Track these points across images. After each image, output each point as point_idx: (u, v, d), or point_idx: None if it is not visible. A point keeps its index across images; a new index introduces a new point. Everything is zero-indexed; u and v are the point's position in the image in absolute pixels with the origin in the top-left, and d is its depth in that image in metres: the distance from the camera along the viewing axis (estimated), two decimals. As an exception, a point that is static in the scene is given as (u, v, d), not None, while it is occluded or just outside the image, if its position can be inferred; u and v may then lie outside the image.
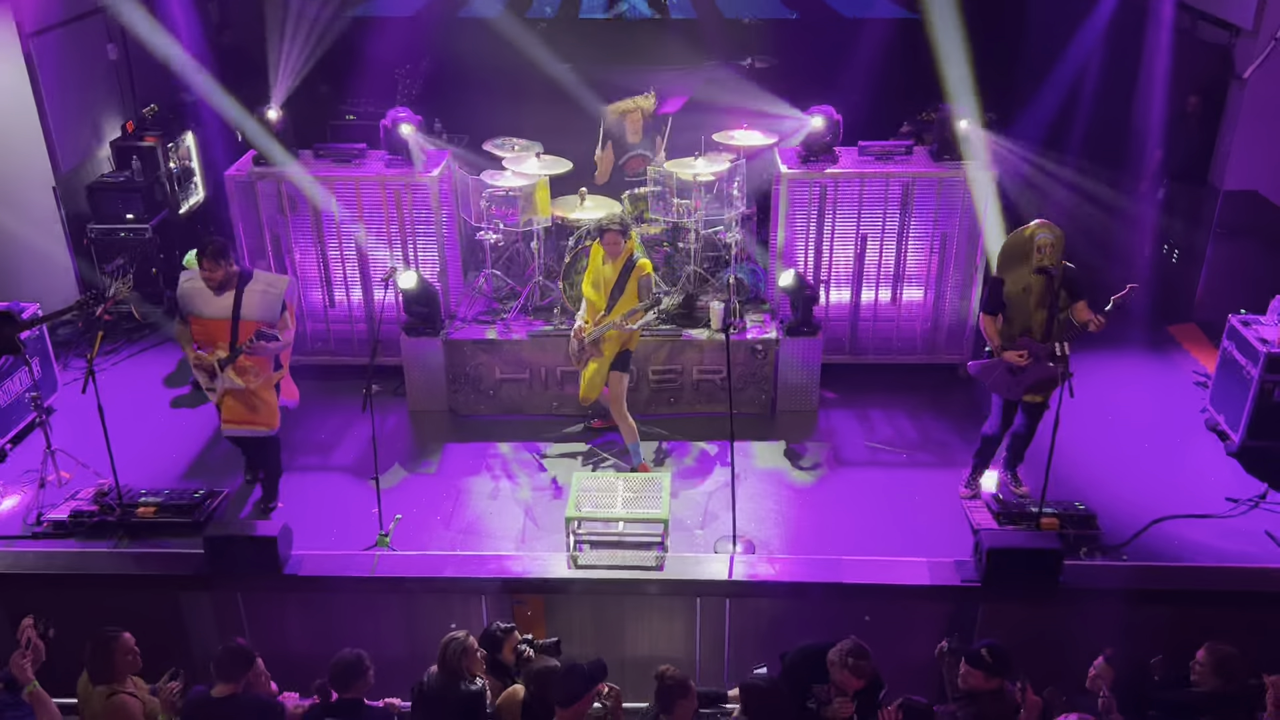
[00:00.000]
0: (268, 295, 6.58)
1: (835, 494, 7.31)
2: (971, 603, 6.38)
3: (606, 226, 7.03)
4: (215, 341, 6.57)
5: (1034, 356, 6.54)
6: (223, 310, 6.53)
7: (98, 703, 5.12)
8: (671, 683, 4.92)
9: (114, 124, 10.08)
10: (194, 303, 6.59)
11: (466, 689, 5.13)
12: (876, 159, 8.26)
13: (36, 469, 7.23)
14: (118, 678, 5.15)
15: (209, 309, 6.56)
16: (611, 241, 7.01)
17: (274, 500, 7.19)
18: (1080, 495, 7.02)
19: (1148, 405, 8.24)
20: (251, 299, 6.54)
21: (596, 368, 7.18)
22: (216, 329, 6.56)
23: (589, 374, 7.21)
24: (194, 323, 6.63)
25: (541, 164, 8.21)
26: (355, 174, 8.21)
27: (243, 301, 6.53)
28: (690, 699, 4.94)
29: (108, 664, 5.12)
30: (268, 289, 6.60)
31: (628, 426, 7.35)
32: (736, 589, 6.44)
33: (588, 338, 7.12)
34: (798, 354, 8.03)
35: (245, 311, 6.52)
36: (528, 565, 6.55)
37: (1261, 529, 6.85)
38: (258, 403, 6.72)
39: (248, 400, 6.69)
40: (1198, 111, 9.40)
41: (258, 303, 6.55)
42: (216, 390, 6.67)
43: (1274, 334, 7.26)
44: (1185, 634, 5.50)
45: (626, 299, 7.06)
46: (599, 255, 7.16)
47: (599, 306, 7.14)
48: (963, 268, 8.33)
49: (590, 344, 7.13)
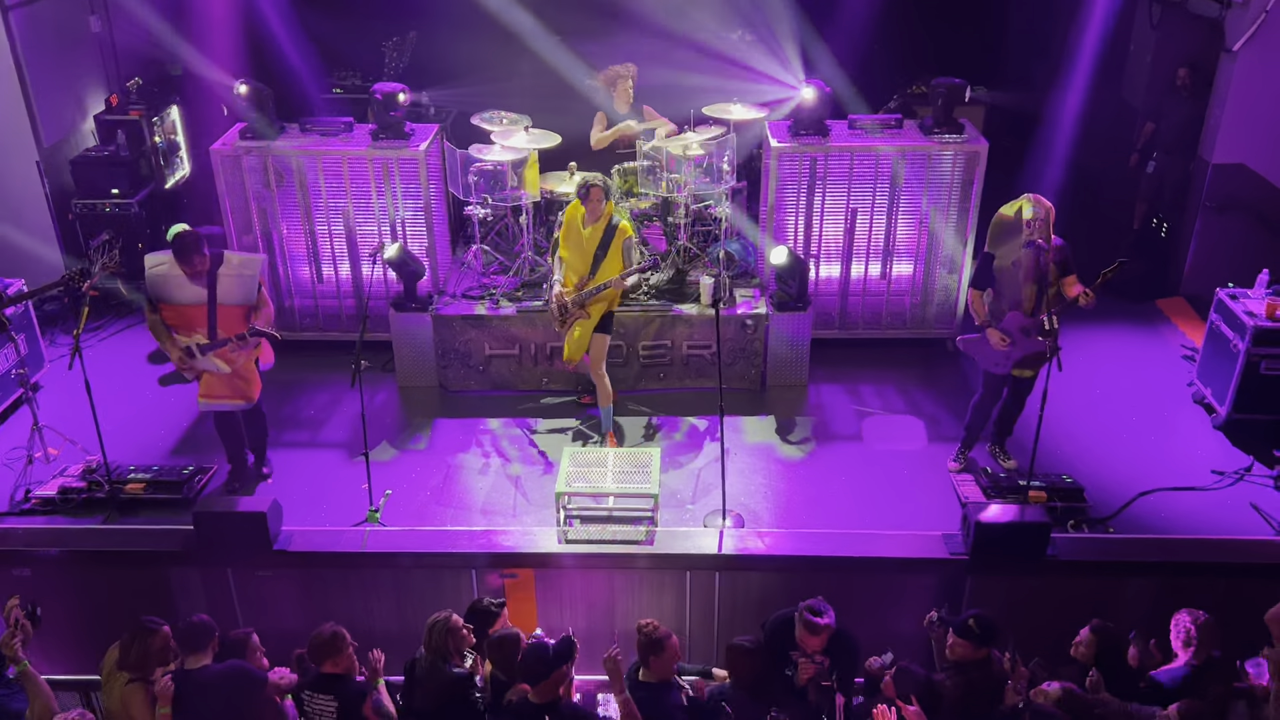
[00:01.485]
0: (243, 278, 6.53)
1: (825, 468, 7.33)
2: (959, 575, 6.42)
3: (591, 183, 6.99)
4: (192, 327, 6.49)
5: (1022, 331, 6.56)
6: (197, 296, 6.45)
7: (117, 687, 5.15)
8: (647, 638, 5.10)
9: (98, 97, 9.98)
10: (166, 289, 6.47)
11: (454, 672, 5.15)
12: (867, 133, 8.23)
13: (24, 446, 7.20)
14: (147, 668, 5.15)
15: (182, 294, 6.46)
16: (596, 199, 6.98)
17: (265, 464, 7.25)
18: (1068, 468, 7.06)
19: (1135, 379, 8.27)
20: (228, 284, 6.48)
21: (582, 330, 7.19)
22: (193, 314, 6.48)
23: (575, 336, 7.21)
24: (166, 309, 6.51)
25: (530, 137, 8.16)
26: (342, 148, 8.15)
27: (218, 286, 6.46)
28: (668, 652, 5.11)
29: (143, 654, 5.14)
30: (242, 271, 6.54)
31: (604, 389, 7.37)
32: (726, 563, 6.46)
33: (576, 299, 7.10)
34: (787, 329, 8.03)
35: (223, 297, 6.47)
36: (518, 540, 6.55)
37: (1247, 501, 6.90)
38: (236, 380, 6.70)
39: (226, 379, 6.67)
40: (1188, 84, 9.39)
41: (235, 286, 6.50)
42: (194, 370, 6.63)
43: (1261, 307, 7.29)
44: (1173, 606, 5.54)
45: (611, 262, 7.07)
46: (577, 217, 7.16)
47: (581, 270, 7.13)
48: (952, 242, 8.32)
49: (576, 306, 7.12)
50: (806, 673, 5.13)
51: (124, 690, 5.12)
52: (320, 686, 5.14)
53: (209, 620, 5.26)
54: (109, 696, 5.25)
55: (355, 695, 5.11)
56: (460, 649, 5.24)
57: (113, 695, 5.20)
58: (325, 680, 5.14)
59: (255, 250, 8.30)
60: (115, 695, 5.17)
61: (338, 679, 5.14)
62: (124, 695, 5.12)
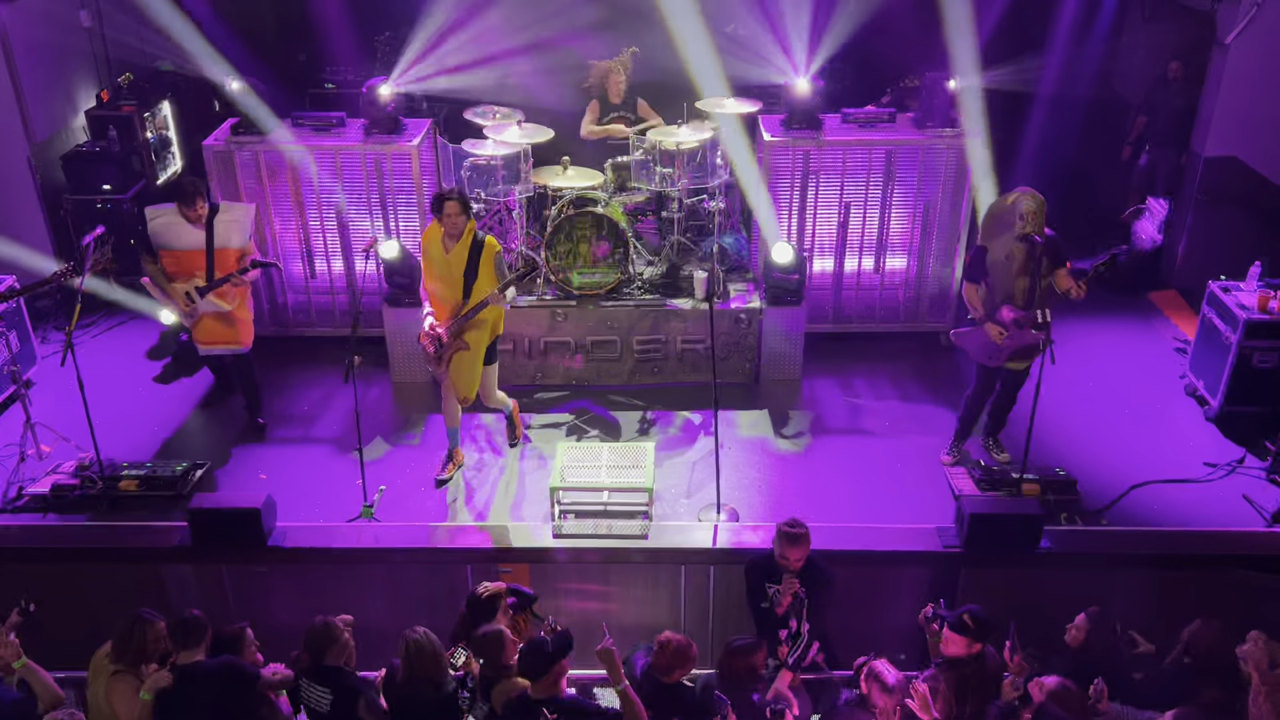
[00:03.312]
0: (239, 223, 7.13)
1: (818, 462, 7.34)
2: (953, 568, 6.44)
3: (446, 195, 6.38)
4: (191, 272, 7.04)
5: (1016, 324, 6.57)
6: (197, 242, 7.03)
7: (103, 678, 5.14)
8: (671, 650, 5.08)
9: (89, 93, 9.93)
10: (168, 236, 7.04)
11: (439, 693, 5.11)
12: (860, 126, 8.23)
13: (16, 443, 7.18)
14: (141, 660, 5.15)
15: (183, 241, 7.04)
16: (452, 214, 6.34)
17: (260, 414, 7.63)
18: (1061, 461, 7.07)
19: (1128, 371, 8.29)
20: (224, 229, 7.06)
21: (468, 364, 6.67)
22: (191, 259, 7.04)
23: (461, 373, 6.71)
24: (166, 257, 7.07)
25: (523, 132, 8.14)
26: (335, 143, 8.13)
27: (216, 231, 7.04)
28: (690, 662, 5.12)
29: (140, 645, 5.14)
30: (237, 216, 7.15)
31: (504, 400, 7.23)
32: (720, 557, 6.47)
33: (453, 327, 6.53)
34: (781, 323, 8.03)
35: (220, 241, 7.05)
36: (512, 535, 6.56)
37: (1239, 493, 6.93)
38: (235, 320, 7.22)
39: (225, 319, 7.18)
40: (1180, 77, 9.40)
41: (232, 231, 7.08)
42: (194, 316, 7.10)
43: (1253, 300, 7.31)
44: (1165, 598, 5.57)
45: (483, 282, 6.50)
46: (436, 246, 6.54)
47: (452, 298, 6.53)
48: (945, 236, 8.33)
49: (454, 337, 6.55)
50: (790, 588, 5.39)
51: (110, 680, 5.10)
52: (317, 677, 5.14)
53: (202, 616, 5.25)
54: (94, 690, 5.22)
55: (349, 689, 5.11)
56: (511, 658, 5.21)
57: (98, 687, 5.17)
58: (321, 671, 5.14)
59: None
60: (100, 687, 5.15)
61: (334, 671, 5.13)
62: (109, 685, 5.10)
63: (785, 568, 5.44)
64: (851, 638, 5.81)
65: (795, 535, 5.39)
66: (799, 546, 5.40)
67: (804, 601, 5.42)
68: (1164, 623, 5.63)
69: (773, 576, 5.51)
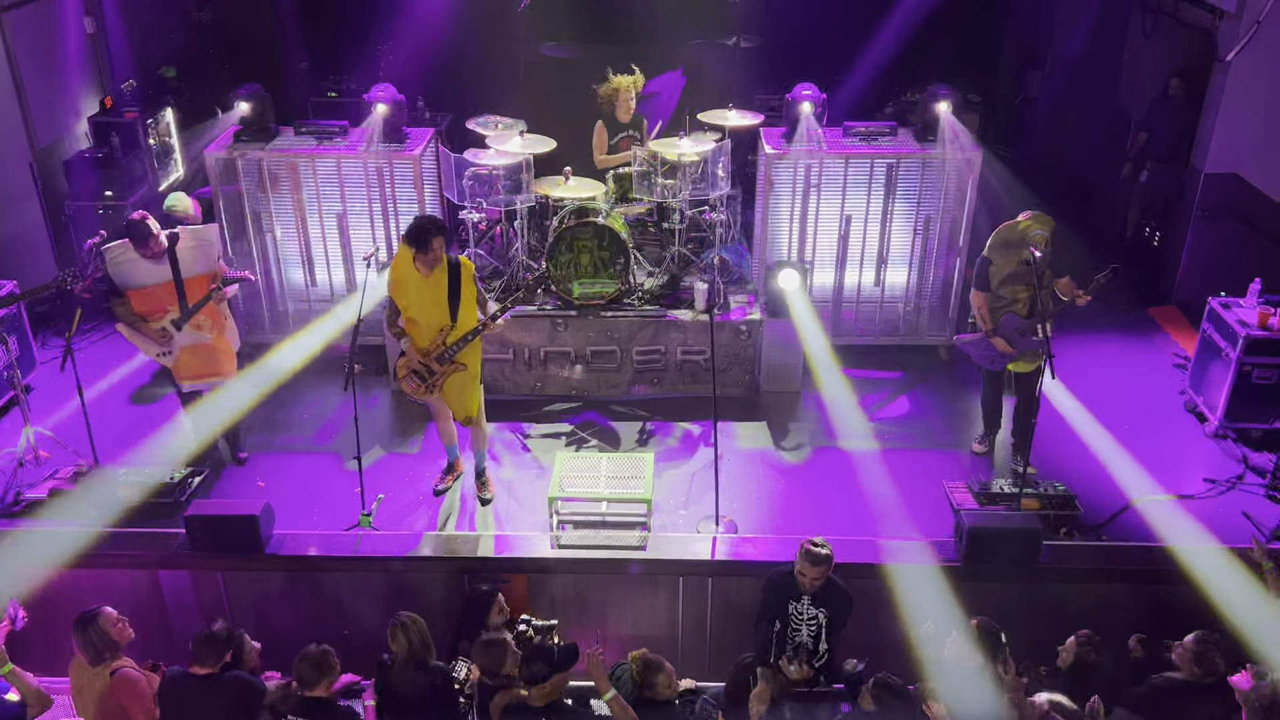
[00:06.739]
0: (202, 246, 6.74)
1: (817, 474, 7.33)
2: (952, 583, 6.41)
3: (433, 230, 6.14)
4: (164, 307, 6.69)
5: (1018, 333, 6.69)
6: (162, 275, 6.64)
7: (101, 684, 5.10)
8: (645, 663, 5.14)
9: (92, 99, 9.97)
10: (131, 275, 6.63)
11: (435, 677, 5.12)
12: (861, 140, 8.25)
13: (13, 448, 7.16)
14: (115, 650, 5.13)
15: (148, 277, 6.64)
16: (438, 249, 6.15)
17: (240, 448, 7.40)
18: (1060, 476, 7.06)
19: (1127, 387, 8.28)
20: (187, 255, 6.67)
21: (462, 384, 6.60)
22: (161, 294, 6.67)
23: (456, 392, 6.63)
24: (134, 296, 6.66)
25: (525, 142, 8.15)
26: (337, 152, 8.14)
27: (180, 260, 6.65)
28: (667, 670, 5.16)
29: (104, 639, 5.10)
30: (199, 239, 6.76)
31: (485, 433, 7.06)
32: (719, 569, 6.45)
33: (445, 353, 6.42)
34: (781, 335, 8.03)
35: (186, 269, 6.67)
36: (511, 545, 6.54)
37: (1239, 510, 6.91)
38: (215, 352, 6.91)
39: (205, 353, 6.87)
40: (1180, 94, 9.43)
41: (195, 257, 6.70)
42: (173, 353, 6.79)
43: (1253, 317, 7.32)
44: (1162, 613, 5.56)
45: (468, 304, 6.40)
46: (411, 271, 6.30)
47: (438, 320, 6.39)
48: (946, 249, 8.34)
49: (446, 362, 6.47)
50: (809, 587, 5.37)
51: (111, 683, 5.06)
52: (303, 712, 5.04)
53: (225, 633, 5.21)
54: (84, 703, 5.16)
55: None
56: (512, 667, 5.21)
57: (93, 696, 5.12)
58: (308, 705, 5.04)
59: (249, 254, 8.29)
60: (95, 694, 5.10)
61: (321, 704, 5.05)
62: (112, 688, 5.06)
63: (803, 588, 5.41)
64: (849, 650, 5.79)
65: (817, 555, 5.33)
66: (819, 566, 5.34)
67: (823, 625, 5.42)
68: (1159, 637, 5.61)
69: (794, 595, 5.45)
